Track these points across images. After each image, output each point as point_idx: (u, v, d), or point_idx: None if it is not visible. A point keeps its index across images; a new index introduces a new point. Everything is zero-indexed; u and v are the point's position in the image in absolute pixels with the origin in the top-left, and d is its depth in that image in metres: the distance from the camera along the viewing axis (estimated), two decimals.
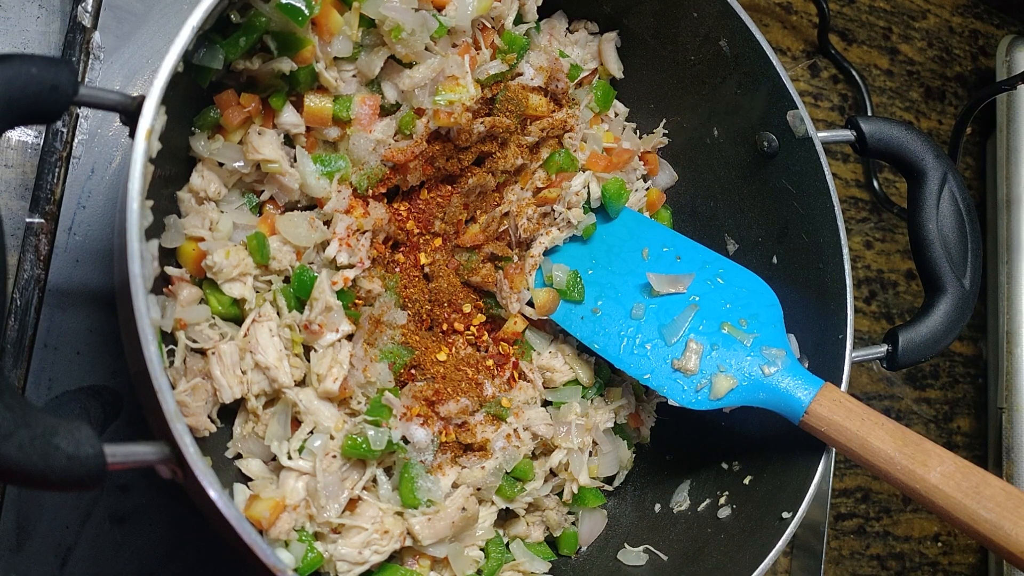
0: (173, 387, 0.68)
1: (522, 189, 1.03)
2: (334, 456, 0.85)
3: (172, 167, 0.84)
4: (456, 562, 0.91)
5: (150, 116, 0.67)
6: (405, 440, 0.89)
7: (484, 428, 0.95)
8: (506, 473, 0.95)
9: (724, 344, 0.98)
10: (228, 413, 0.88)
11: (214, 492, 0.63)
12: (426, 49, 0.92)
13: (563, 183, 1.03)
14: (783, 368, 0.94)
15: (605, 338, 1.01)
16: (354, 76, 0.92)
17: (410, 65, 0.93)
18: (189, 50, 0.71)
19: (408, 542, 0.87)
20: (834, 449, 0.91)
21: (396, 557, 0.89)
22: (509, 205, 1.01)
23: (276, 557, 0.66)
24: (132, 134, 0.67)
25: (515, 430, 0.96)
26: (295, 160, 0.90)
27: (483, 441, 0.94)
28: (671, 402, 0.99)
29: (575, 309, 1.03)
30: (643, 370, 0.99)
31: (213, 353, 0.84)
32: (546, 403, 1.04)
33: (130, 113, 0.68)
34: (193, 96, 0.83)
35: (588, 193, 1.06)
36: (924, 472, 0.83)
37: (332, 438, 0.86)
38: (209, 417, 0.85)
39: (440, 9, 0.94)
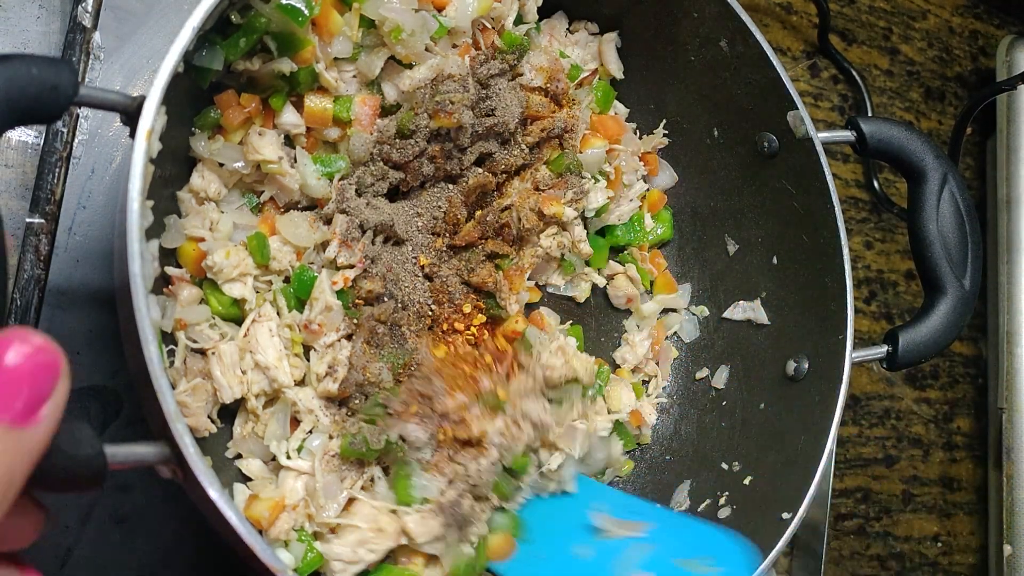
0: (173, 387, 0.68)
1: (521, 182, 1.02)
2: (333, 456, 0.85)
3: (172, 167, 0.84)
4: (449, 560, 0.91)
5: (150, 116, 0.67)
6: (403, 439, 0.89)
7: (481, 421, 0.94)
8: (503, 469, 0.95)
9: None
10: (228, 413, 0.88)
11: (214, 492, 0.63)
12: (426, 50, 0.93)
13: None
14: None
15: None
16: (354, 76, 0.92)
17: (410, 65, 0.93)
18: (189, 50, 0.71)
19: (403, 540, 0.87)
20: (834, 449, 0.91)
21: (391, 556, 0.89)
22: (510, 198, 1.01)
23: (276, 557, 0.66)
24: (132, 134, 0.67)
25: (513, 419, 0.95)
26: (295, 160, 0.90)
27: (480, 435, 0.93)
28: None
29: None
30: None
31: (213, 353, 0.84)
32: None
33: (130, 113, 0.68)
34: (193, 96, 0.83)
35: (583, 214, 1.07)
36: None
37: (331, 438, 0.86)
38: (209, 417, 0.85)
39: (440, 10, 0.94)
